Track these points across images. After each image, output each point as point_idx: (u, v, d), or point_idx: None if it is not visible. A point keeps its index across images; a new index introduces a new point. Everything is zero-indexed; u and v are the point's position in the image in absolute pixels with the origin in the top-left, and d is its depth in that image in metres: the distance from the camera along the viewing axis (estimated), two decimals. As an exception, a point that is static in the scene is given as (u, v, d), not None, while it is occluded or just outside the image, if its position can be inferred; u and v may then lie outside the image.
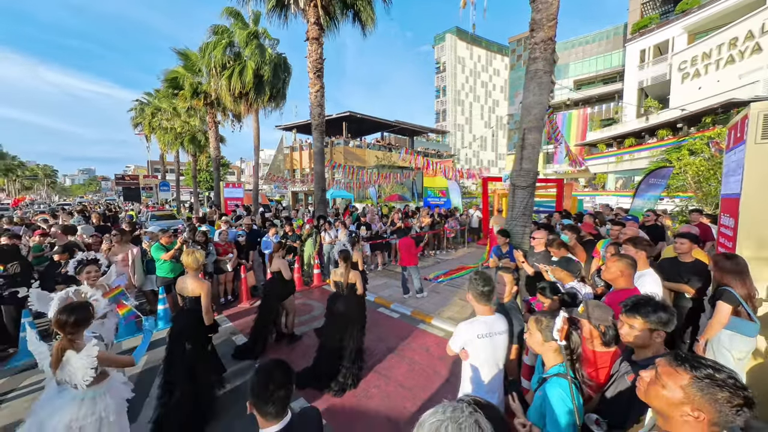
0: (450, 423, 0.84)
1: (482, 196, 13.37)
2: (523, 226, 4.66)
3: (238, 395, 3.43)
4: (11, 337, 4.20)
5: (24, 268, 4.40)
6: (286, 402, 1.26)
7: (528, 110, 4.55)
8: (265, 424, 1.22)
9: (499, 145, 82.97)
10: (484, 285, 1.97)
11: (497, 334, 1.93)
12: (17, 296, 4.19)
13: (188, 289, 3.12)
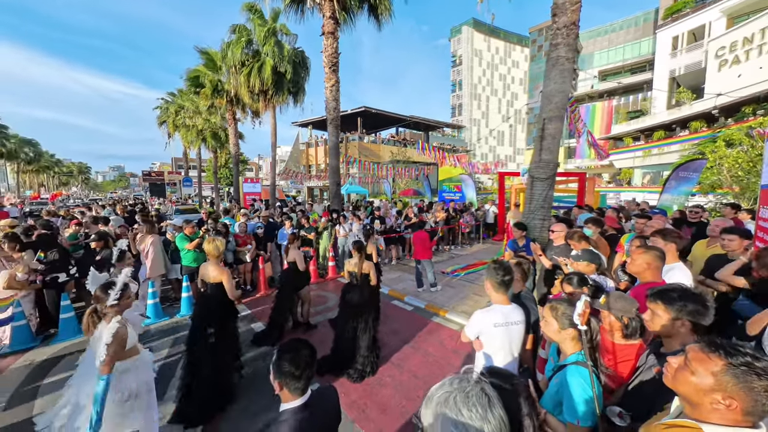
0: (458, 393, 0.84)
1: (498, 191, 13.09)
2: (541, 219, 4.53)
3: (255, 379, 3.56)
4: (53, 318, 4.54)
5: (62, 255, 4.72)
6: (312, 377, 1.31)
7: (549, 99, 4.39)
8: (289, 398, 1.27)
9: (517, 140, 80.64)
10: (504, 274, 1.95)
11: (513, 324, 1.91)
12: (57, 281, 4.51)
13: (210, 276, 3.26)
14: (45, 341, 4.36)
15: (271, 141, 16.27)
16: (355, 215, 8.07)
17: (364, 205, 13.07)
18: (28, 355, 4.03)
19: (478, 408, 0.80)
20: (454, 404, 0.83)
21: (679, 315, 1.42)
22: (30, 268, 4.14)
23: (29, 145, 45.27)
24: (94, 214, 9.76)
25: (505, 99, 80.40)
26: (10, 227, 4.57)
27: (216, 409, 3.04)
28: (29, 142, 45.58)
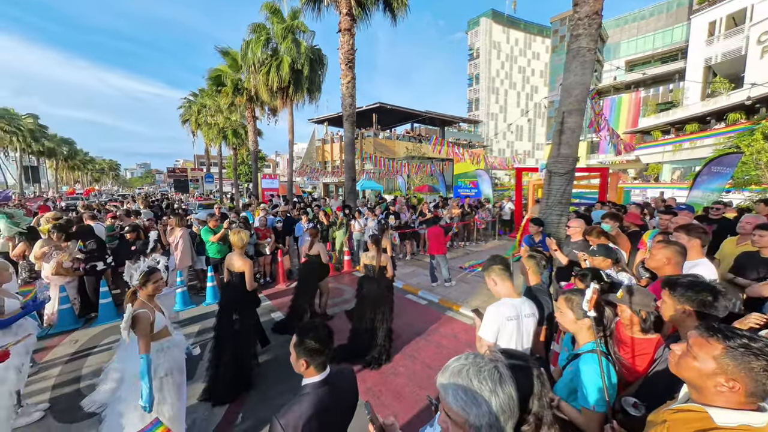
0: (471, 366, 0.92)
1: (515, 187, 12.83)
2: (558, 214, 4.46)
3: (274, 365, 3.75)
4: (92, 303, 4.93)
5: (99, 245, 5.11)
6: (330, 353, 1.42)
7: (568, 92, 4.29)
8: (312, 374, 1.37)
9: (536, 135, 78.12)
10: (500, 262, 1.98)
11: (525, 317, 1.90)
12: (96, 269, 4.90)
13: (235, 266, 3.46)
14: (87, 324, 4.76)
15: (289, 138, 16.62)
16: (370, 210, 8.19)
17: (378, 202, 13.18)
18: (72, 335, 4.43)
19: (489, 382, 0.88)
20: (467, 374, 0.90)
21: (683, 302, 1.42)
22: (73, 257, 4.52)
23: (66, 143, 48.30)
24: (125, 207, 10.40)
25: (525, 92, 77.91)
26: (54, 219, 4.98)
27: (240, 389, 3.25)
28: (66, 140, 48.63)
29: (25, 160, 36.18)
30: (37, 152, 37.58)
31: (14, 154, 35.83)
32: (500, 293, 1.97)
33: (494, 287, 1.99)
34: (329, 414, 1.37)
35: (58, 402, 3.11)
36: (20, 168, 35.26)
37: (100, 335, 4.45)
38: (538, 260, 2.24)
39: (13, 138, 31.84)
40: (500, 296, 1.96)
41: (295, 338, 1.38)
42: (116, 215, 6.45)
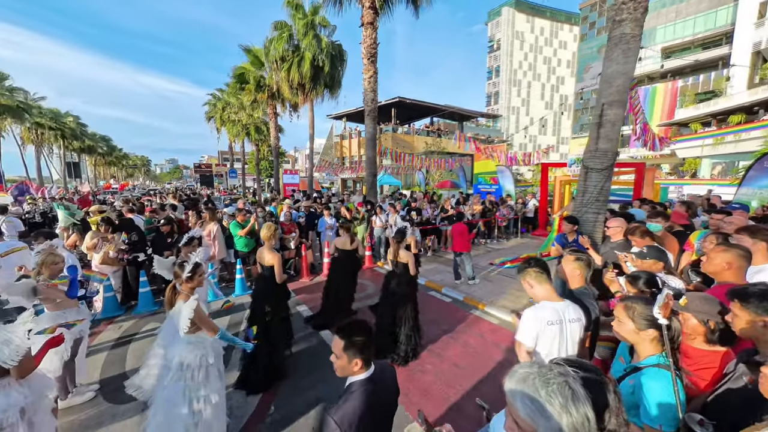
0: (537, 377, 0.87)
1: (540, 183, 12.37)
2: (595, 213, 4.25)
3: (303, 357, 3.84)
4: (134, 293, 5.24)
5: (140, 237, 5.40)
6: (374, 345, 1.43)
7: (609, 82, 4.04)
8: (360, 372, 1.37)
9: (562, 128, 74.89)
10: (536, 264, 1.88)
11: (569, 322, 1.77)
12: (137, 260, 5.19)
13: (265, 259, 3.55)
14: (128, 311, 5.07)
15: (309, 133, 16.83)
16: (391, 206, 8.17)
17: (397, 197, 13.14)
18: (116, 321, 4.73)
19: (559, 397, 0.83)
20: (533, 383, 0.86)
21: (759, 314, 1.30)
22: (118, 248, 4.81)
23: (103, 140, 51.37)
24: (158, 201, 10.94)
25: (549, 84, 74.67)
26: (99, 212, 5.31)
27: (273, 379, 3.35)
28: (103, 138, 51.72)
29: (68, 157, 38.84)
30: (78, 149, 40.24)
31: (58, 151, 38.54)
32: (538, 296, 1.87)
33: (531, 290, 1.90)
34: (378, 409, 1.40)
35: (107, 383, 3.33)
36: (63, 164, 37.91)
37: (141, 322, 4.72)
38: (585, 262, 2.11)
39: (57, 136, 34.24)
40: (538, 299, 1.87)
41: (342, 342, 1.35)
42: (153, 209, 6.80)
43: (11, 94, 23.41)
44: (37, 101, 29.26)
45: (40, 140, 32.45)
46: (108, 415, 2.90)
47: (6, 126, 25.81)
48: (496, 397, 3.12)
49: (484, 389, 3.26)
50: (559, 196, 11.62)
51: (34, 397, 1.93)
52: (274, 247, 3.71)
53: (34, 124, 29.90)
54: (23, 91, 25.79)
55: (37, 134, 31.72)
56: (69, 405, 2.96)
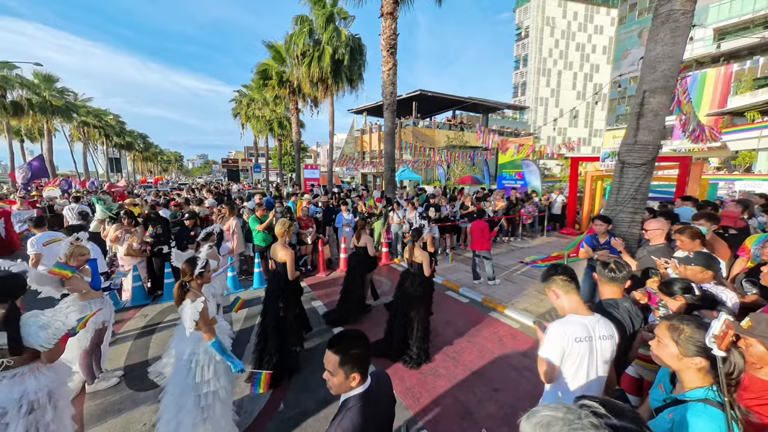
0: (564, 425, 0.71)
1: (569, 178, 11.62)
2: (632, 212, 3.85)
3: (315, 355, 3.82)
4: (160, 283, 5.50)
5: (165, 230, 5.64)
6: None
7: (652, 66, 3.61)
8: (358, 386, 1.29)
9: (594, 120, 70.33)
10: (563, 271, 1.67)
11: (600, 339, 1.56)
12: (162, 252, 5.42)
13: (278, 255, 3.55)
14: (154, 300, 5.33)
15: (329, 128, 16.89)
16: (409, 202, 7.99)
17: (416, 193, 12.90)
18: (143, 310, 4.98)
19: None
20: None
21: None
22: (142, 240, 5.04)
23: (141, 138, 54.83)
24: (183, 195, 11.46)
25: (582, 72, 70.16)
26: (131, 206, 5.60)
27: (284, 375, 3.36)
28: (141, 135, 55.20)
29: (110, 153, 41.89)
30: (119, 146, 43.24)
31: (102, 148, 41.65)
32: (564, 308, 1.66)
33: (556, 301, 1.69)
34: (378, 422, 1.34)
35: (131, 370, 3.49)
36: (107, 159, 40.96)
37: (166, 311, 4.94)
38: (620, 270, 1.85)
39: (100, 133, 36.96)
40: (564, 312, 1.66)
41: (337, 357, 1.25)
42: (178, 203, 7.09)
43: (61, 95, 25.46)
44: (85, 101, 31.63)
45: (86, 137, 35.18)
46: (129, 401, 3.04)
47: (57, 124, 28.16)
48: (515, 409, 2.94)
49: (501, 399, 3.07)
50: (590, 193, 10.88)
51: (59, 381, 2.03)
52: (290, 243, 3.70)
53: (81, 122, 32.40)
54: (72, 92, 27.95)
55: (84, 132, 34.38)
56: (95, 389, 3.12)
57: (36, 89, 22.62)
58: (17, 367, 1.87)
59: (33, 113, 22.64)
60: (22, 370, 1.89)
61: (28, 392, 1.85)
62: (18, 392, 1.83)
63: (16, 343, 1.82)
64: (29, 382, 1.89)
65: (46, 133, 25.90)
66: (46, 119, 24.46)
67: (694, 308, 2.02)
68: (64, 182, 16.74)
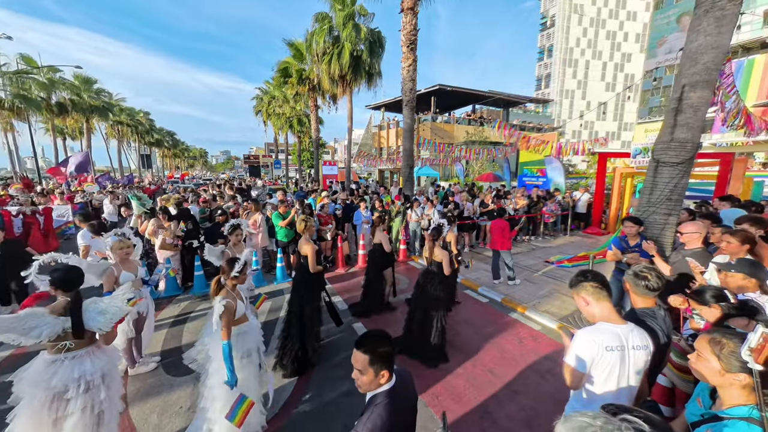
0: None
1: (597, 175, 11.12)
2: (666, 214, 3.66)
3: (335, 349, 3.94)
4: (191, 275, 5.82)
5: (194, 225, 5.95)
6: None
7: (693, 58, 3.38)
8: (384, 383, 1.33)
9: (625, 113, 66.44)
10: (593, 277, 1.62)
11: (634, 349, 1.50)
12: (192, 246, 5.74)
13: (303, 249, 3.69)
14: (186, 291, 5.66)
15: (348, 125, 17.01)
16: (428, 200, 7.96)
17: (435, 190, 12.80)
18: (176, 300, 5.31)
19: None
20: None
21: None
22: (174, 234, 5.34)
23: (169, 135, 57.50)
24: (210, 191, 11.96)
25: (612, 62, 66.26)
26: (165, 201, 5.95)
27: (305, 365, 3.50)
28: (169, 132, 57.87)
29: (141, 150, 44.27)
30: (149, 143, 45.59)
31: (134, 145, 44.08)
32: (595, 316, 1.60)
33: (586, 308, 1.63)
34: (404, 417, 1.39)
35: (167, 356, 3.75)
36: (138, 156, 43.34)
37: (197, 302, 5.25)
38: (653, 277, 1.77)
39: (132, 131, 39.12)
40: (595, 319, 1.61)
41: (367, 356, 1.29)
42: (206, 199, 7.44)
43: (98, 96, 27.13)
44: (119, 101, 33.54)
45: (120, 135, 37.35)
46: (167, 385, 3.27)
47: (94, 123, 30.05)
48: (536, 411, 2.92)
49: (522, 401, 3.06)
50: (619, 190, 10.38)
51: (112, 365, 2.23)
52: (311, 239, 3.83)
53: (116, 121, 34.40)
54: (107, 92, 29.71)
55: (118, 130, 36.51)
56: (137, 373, 3.39)
57: (77, 91, 24.20)
58: (77, 349, 2.08)
59: (74, 113, 24.27)
60: (80, 352, 2.09)
61: (86, 373, 2.05)
62: (78, 372, 2.03)
63: (78, 328, 2.02)
64: (86, 363, 2.09)
65: (85, 132, 27.73)
66: (85, 118, 26.16)
67: (728, 317, 1.91)
68: (102, 178, 17.90)
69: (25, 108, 17.61)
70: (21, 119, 18.93)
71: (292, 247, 6.21)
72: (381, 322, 4.60)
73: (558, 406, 2.90)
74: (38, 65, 19.95)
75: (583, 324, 4.36)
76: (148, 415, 2.89)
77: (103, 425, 2.13)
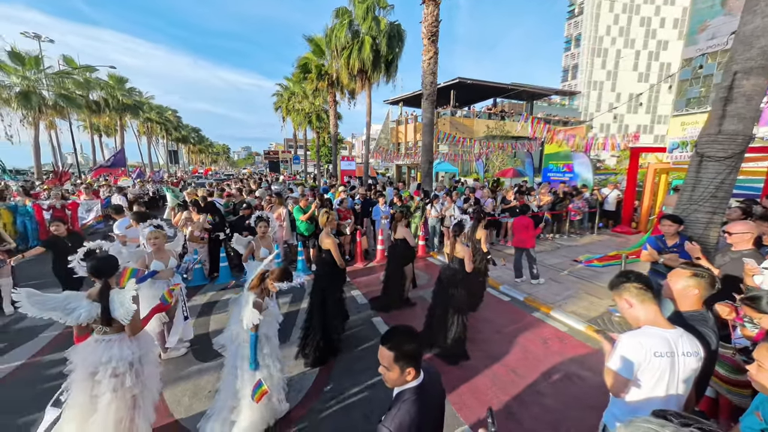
0: None
1: (628, 171, 10.52)
2: (710, 212, 3.40)
3: (356, 341, 3.97)
4: (216, 265, 6.05)
5: (220, 218, 6.17)
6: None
7: (747, 42, 3.08)
8: (411, 380, 1.31)
9: (659, 104, 62.36)
10: (637, 278, 1.51)
11: (684, 356, 1.39)
12: (219, 238, 5.96)
13: (324, 243, 3.73)
14: (212, 281, 5.89)
15: (366, 120, 16.98)
16: (448, 195, 7.84)
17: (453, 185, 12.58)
18: (203, 289, 5.54)
19: None
20: None
21: None
22: (201, 227, 5.56)
23: (195, 131, 59.84)
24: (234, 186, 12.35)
25: (647, 51, 62.23)
26: (191, 194, 6.21)
27: (327, 355, 3.55)
28: (195, 129, 60.23)
29: (169, 146, 46.36)
30: (176, 139, 47.65)
31: (162, 141, 46.23)
32: (639, 319, 1.50)
33: (629, 311, 1.53)
34: (431, 415, 1.36)
35: (196, 342, 3.91)
36: (166, 152, 45.44)
37: (223, 291, 5.46)
38: (707, 280, 1.63)
39: (161, 128, 41.00)
40: (639, 323, 1.51)
41: (392, 353, 1.27)
42: (230, 193, 7.69)
43: (130, 94, 28.57)
44: (148, 99, 35.18)
45: (150, 132, 39.24)
46: (196, 369, 3.43)
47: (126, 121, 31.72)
48: (563, 414, 2.81)
49: (547, 403, 2.96)
50: (652, 187, 9.79)
51: (142, 352, 2.34)
52: (331, 233, 3.87)
53: (146, 118, 36.15)
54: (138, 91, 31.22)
55: (148, 127, 38.36)
56: (169, 357, 3.57)
57: (111, 90, 25.59)
58: (110, 334, 2.20)
59: (109, 111, 25.71)
60: (113, 337, 2.21)
61: (113, 358, 2.15)
62: (106, 356, 2.14)
63: (106, 314, 2.13)
64: (114, 349, 2.18)
65: (119, 129, 29.33)
66: (119, 116, 27.66)
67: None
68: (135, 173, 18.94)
69: (66, 106, 18.82)
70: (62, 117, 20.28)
71: (312, 241, 6.31)
72: (401, 318, 4.60)
73: (587, 412, 2.81)
74: (77, 66, 21.24)
75: (614, 327, 4.16)
76: (180, 398, 3.04)
77: (138, 408, 2.25)
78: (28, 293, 2.00)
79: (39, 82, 17.56)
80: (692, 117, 30.33)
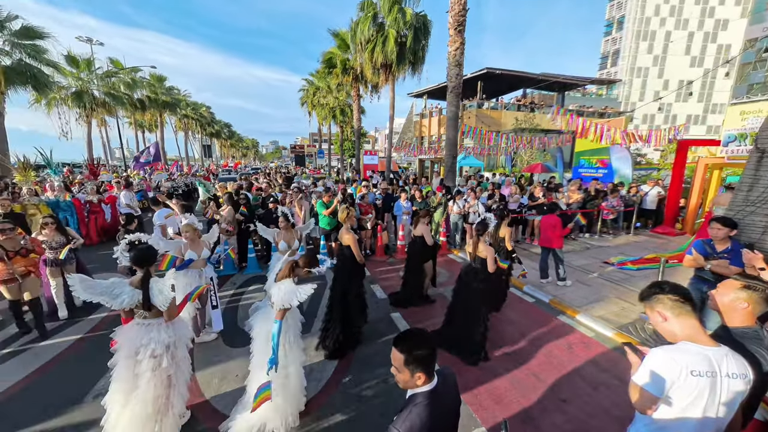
0: None
1: (674, 166, 9.63)
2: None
3: (375, 336, 4.03)
4: (244, 256, 6.37)
5: (250, 211, 6.47)
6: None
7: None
8: (422, 384, 1.30)
9: (714, 91, 56.28)
10: (672, 290, 1.37)
11: (728, 377, 1.26)
12: (248, 230, 6.27)
13: (344, 238, 3.79)
14: (240, 271, 6.22)
15: (390, 113, 16.89)
16: (472, 191, 7.65)
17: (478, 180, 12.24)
18: (232, 279, 5.87)
19: None
20: None
21: None
22: (228, 220, 5.87)
23: (226, 127, 62.69)
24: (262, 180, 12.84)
25: (702, 32, 56.12)
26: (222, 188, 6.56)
27: (347, 348, 3.65)
28: (226, 124, 63.09)
29: (203, 141, 49.02)
30: (210, 134, 50.23)
31: (197, 136, 48.96)
32: (676, 335, 1.37)
33: (663, 325, 1.40)
34: (444, 419, 1.35)
35: (226, 327, 4.16)
36: (201, 146, 48.09)
37: (250, 281, 5.76)
38: (762, 294, 1.46)
39: (196, 124, 43.38)
40: (676, 339, 1.37)
41: (402, 356, 1.27)
42: (259, 187, 8.03)
43: (169, 92, 30.43)
44: (185, 96, 37.27)
45: (186, 127, 41.66)
46: (225, 354, 3.66)
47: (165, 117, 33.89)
48: (586, 424, 2.70)
49: (569, 411, 2.86)
50: (701, 184, 8.93)
51: (177, 337, 2.53)
52: (352, 228, 3.93)
53: (183, 115, 38.38)
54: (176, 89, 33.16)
55: (185, 123, 40.73)
56: (201, 341, 3.83)
57: (152, 88, 27.38)
58: (150, 319, 2.40)
59: (151, 108, 27.57)
60: (152, 321, 2.41)
61: (152, 340, 2.35)
62: (145, 339, 2.34)
63: (147, 300, 2.32)
64: (153, 332, 2.38)
65: (160, 125, 31.38)
66: (159, 113, 29.58)
67: None
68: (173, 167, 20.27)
69: (114, 104, 20.43)
70: (110, 114, 22.06)
71: (334, 235, 6.45)
72: (419, 314, 4.60)
73: (613, 424, 2.68)
74: (123, 66, 22.91)
75: (648, 335, 3.90)
76: (210, 380, 3.26)
77: (173, 387, 2.45)
78: (81, 278, 2.23)
79: (91, 82, 19.17)
80: (754, 105, 27.09)
